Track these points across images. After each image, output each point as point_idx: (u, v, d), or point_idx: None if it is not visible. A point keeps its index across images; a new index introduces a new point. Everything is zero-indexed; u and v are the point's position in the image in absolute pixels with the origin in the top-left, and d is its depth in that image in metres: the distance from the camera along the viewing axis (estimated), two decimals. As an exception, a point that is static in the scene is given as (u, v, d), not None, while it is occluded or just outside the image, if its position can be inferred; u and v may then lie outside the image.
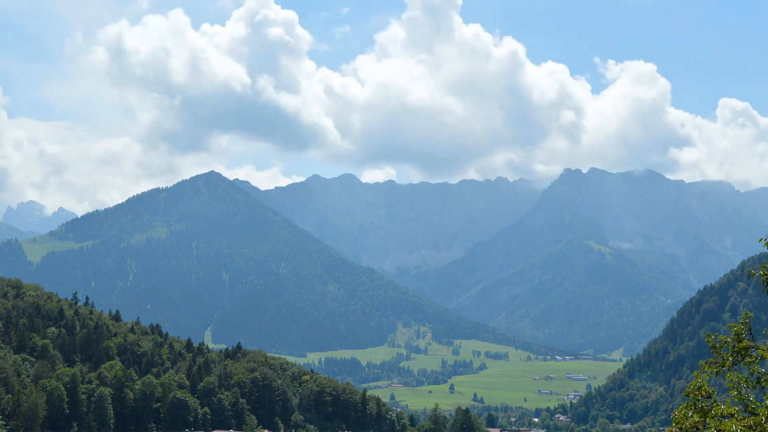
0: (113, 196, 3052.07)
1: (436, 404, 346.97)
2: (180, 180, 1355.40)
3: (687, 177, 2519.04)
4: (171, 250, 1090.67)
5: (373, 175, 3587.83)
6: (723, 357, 32.63)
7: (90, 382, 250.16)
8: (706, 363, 33.06)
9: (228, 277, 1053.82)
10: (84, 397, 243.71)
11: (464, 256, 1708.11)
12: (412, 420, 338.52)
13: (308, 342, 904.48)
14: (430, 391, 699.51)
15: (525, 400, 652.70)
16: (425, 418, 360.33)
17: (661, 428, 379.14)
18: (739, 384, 32.23)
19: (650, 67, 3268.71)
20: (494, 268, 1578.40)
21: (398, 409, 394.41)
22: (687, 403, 33.25)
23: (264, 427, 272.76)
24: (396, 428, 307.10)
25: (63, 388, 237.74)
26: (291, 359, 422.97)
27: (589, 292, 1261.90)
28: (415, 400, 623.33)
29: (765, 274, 32.32)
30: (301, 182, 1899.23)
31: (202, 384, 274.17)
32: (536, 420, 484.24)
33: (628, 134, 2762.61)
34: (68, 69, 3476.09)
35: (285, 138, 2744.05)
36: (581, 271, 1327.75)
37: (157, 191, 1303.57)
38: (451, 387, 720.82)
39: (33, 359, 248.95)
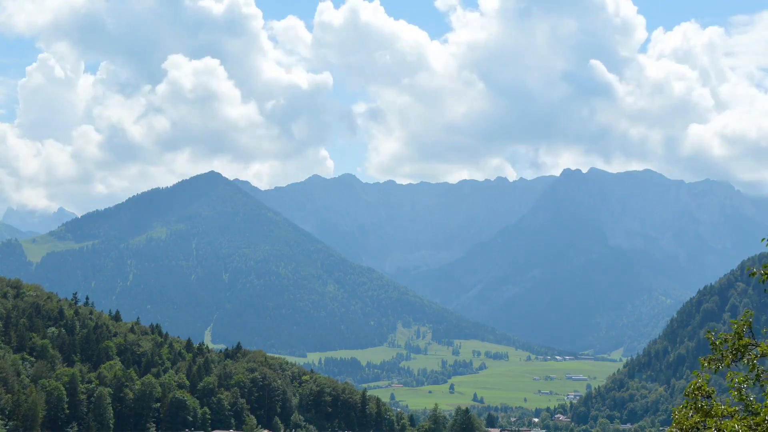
0: (113, 196, 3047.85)
1: (436, 404, 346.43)
2: (180, 180, 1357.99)
3: (687, 177, 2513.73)
4: (171, 250, 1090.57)
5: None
6: (723, 354, 32.49)
7: (89, 382, 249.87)
8: (705, 359, 32.93)
9: (228, 277, 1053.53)
10: (83, 397, 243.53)
11: (464, 256, 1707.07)
12: (412, 420, 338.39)
13: (308, 342, 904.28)
14: (430, 391, 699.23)
15: (525, 400, 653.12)
16: (425, 418, 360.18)
17: (661, 428, 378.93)
18: (740, 384, 32.08)
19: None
20: (494, 268, 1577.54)
21: (398, 409, 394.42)
22: (687, 403, 33.11)
23: (264, 427, 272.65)
24: (396, 428, 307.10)
25: (62, 388, 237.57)
26: (291, 359, 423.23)
27: (589, 293, 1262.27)
28: (415, 400, 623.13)
29: (766, 273, 32.19)
30: (301, 182, 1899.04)
31: (201, 384, 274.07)
32: (536, 420, 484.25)
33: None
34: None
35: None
36: (581, 272, 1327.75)
37: (157, 191, 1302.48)
38: (451, 387, 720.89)
39: (33, 359, 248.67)
